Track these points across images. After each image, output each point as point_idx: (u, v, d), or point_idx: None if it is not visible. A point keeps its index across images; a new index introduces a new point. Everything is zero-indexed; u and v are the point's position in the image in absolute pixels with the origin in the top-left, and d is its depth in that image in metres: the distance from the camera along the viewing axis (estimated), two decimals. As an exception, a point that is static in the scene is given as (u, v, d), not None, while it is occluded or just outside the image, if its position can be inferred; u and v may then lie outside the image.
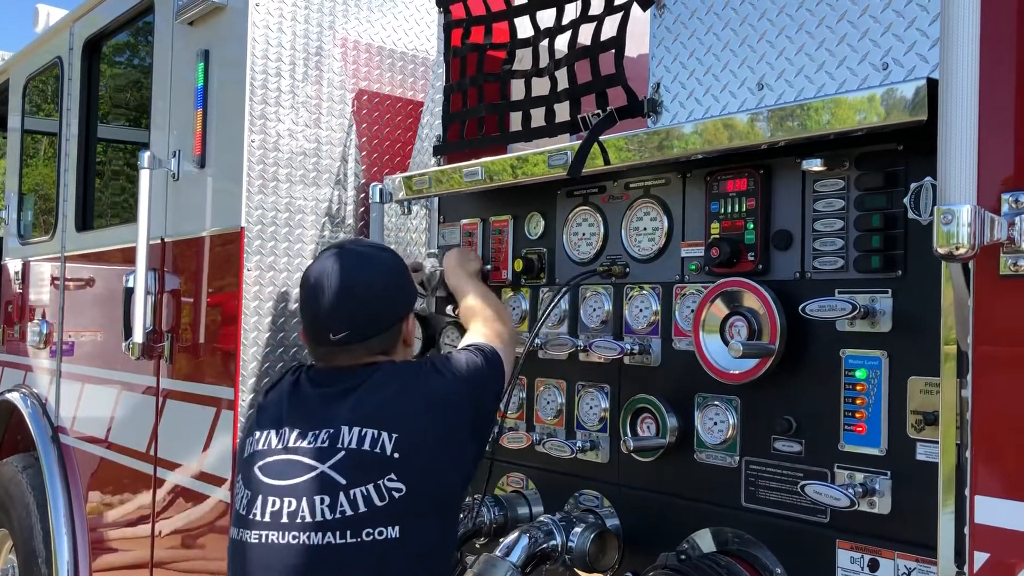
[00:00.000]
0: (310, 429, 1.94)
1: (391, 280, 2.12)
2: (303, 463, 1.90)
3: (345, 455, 1.88)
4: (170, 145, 3.50)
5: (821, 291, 1.90)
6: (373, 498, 1.85)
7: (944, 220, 1.13)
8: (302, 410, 2.00)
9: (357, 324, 2.04)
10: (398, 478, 1.87)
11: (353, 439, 1.89)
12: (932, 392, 1.73)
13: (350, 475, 1.86)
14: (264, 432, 2.00)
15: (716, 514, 2.08)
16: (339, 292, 2.02)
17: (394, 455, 1.88)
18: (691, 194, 2.20)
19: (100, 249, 4.11)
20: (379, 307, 2.07)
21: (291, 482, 1.89)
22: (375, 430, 1.90)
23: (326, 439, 1.91)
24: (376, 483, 1.86)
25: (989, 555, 1.19)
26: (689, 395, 2.15)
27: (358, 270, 2.06)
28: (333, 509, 1.83)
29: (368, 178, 3.24)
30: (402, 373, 2.05)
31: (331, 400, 1.99)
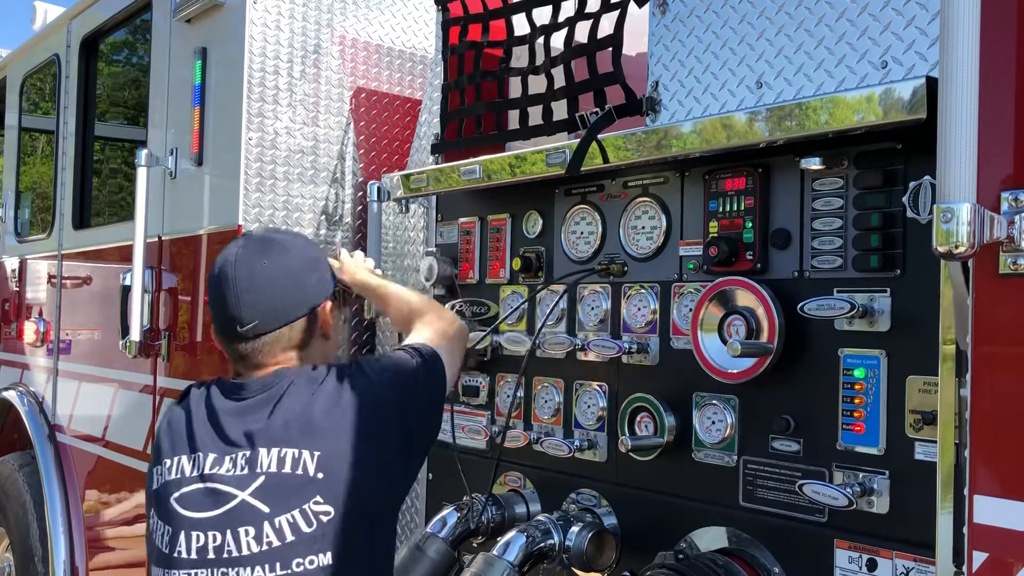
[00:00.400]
0: (226, 452, 1.78)
1: (300, 265, 1.94)
2: (223, 492, 1.74)
3: (265, 480, 1.72)
4: (167, 143, 3.49)
5: (820, 290, 1.89)
6: (300, 525, 1.70)
7: (943, 218, 1.13)
8: (215, 430, 1.82)
9: (263, 313, 1.87)
10: (324, 500, 1.72)
11: (272, 461, 1.74)
12: (931, 391, 1.72)
13: (273, 502, 1.71)
14: (175, 459, 1.82)
15: (714, 513, 2.07)
16: (243, 280, 1.87)
17: (318, 475, 1.73)
18: (689, 193, 2.20)
19: (97, 247, 4.10)
20: (287, 294, 1.90)
21: (213, 514, 1.73)
22: (295, 449, 1.74)
23: (244, 464, 1.75)
24: (301, 508, 1.70)
25: (988, 555, 1.19)
26: (687, 394, 2.14)
27: (263, 256, 1.90)
28: (260, 540, 1.69)
29: (366, 176, 3.24)
30: (320, 379, 1.88)
31: (245, 415, 1.82)
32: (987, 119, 1.17)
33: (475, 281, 2.77)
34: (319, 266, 2.00)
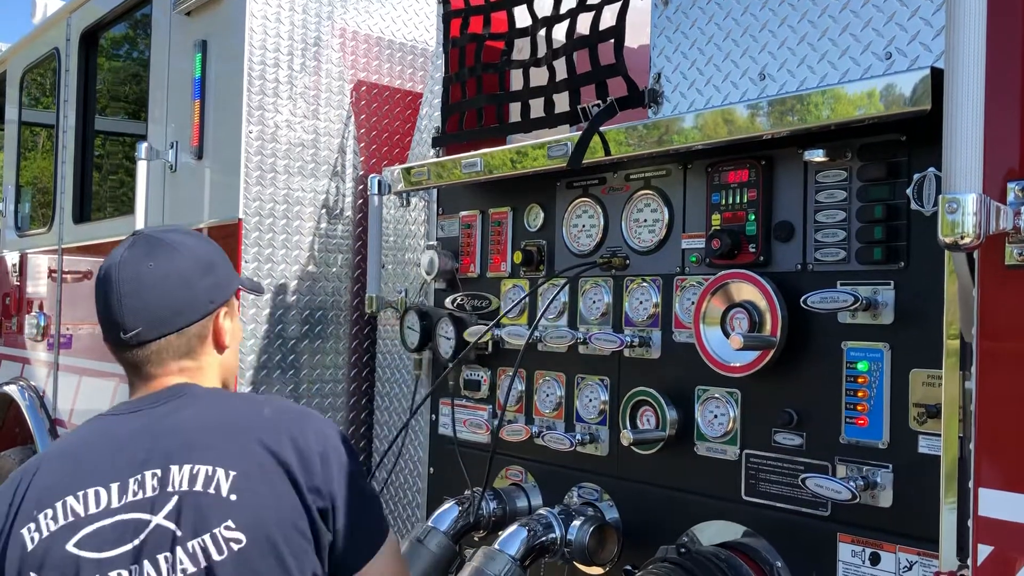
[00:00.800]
0: (131, 475, 1.56)
1: (190, 268, 1.72)
2: (137, 520, 1.54)
3: (178, 500, 1.54)
4: (168, 136, 3.48)
5: (823, 283, 1.88)
6: (211, 551, 1.52)
7: (949, 209, 1.11)
8: (119, 458, 1.59)
9: (146, 320, 1.68)
10: (236, 526, 1.53)
11: (184, 479, 1.55)
12: (935, 385, 1.71)
13: (186, 524, 1.53)
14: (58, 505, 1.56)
15: (716, 507, 2.07)
16: (127, 283, 1.68)
17: (230, 497, 1.54)
18: (692, 185, 2.19)
19: (98, 241, 4.09)
20: (173, 299, 1.70)
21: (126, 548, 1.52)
22: (208, 466, 1.55)
23: (155, 484, 1.55)
24: (212, 532, 1.52)
25: (993, 548, 1.18)
26: (689, 388, 2.14)
27: (149, 258, 1.70)
28: (174, 568, 1.51)
29: (366, 170, 3.22)
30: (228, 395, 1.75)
31: (152, 436, 1.61)
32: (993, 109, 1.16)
33: (476, 275, 2.76)
34: (215, 269, 1.77)
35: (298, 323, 3.12)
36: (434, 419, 2.89)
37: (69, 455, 1.64)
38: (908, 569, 1.76)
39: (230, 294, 1.79)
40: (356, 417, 3.24)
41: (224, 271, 1.80)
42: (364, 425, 3.24)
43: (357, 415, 3.24)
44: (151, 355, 1.69)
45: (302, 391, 3.12)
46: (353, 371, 3.23)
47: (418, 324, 2.84)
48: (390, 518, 3.06)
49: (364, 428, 3.24)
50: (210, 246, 1.82)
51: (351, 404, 3.23)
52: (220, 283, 1.77)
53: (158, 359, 1.70)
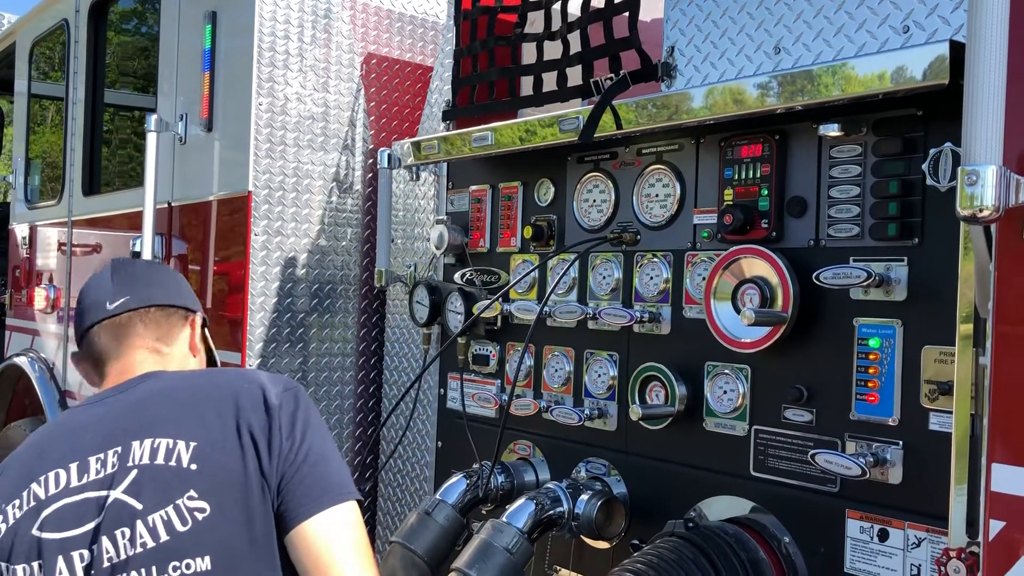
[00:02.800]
0: (93, 454, 1.58)
1: (179, 277, 1.94)
2: (96, 498, 1.53)
3: (138, 474, 1.53)
4: (177, 108, 3.47)
5: (836, 259, 1.87)
6: (174, 522, 1.51)
7: (968, 181, 1.10)
8: (76, 441, 1.61)
9: (136, 289, 1.76)
10: (199, 495, 1.52)
11: (144, 453, 1.55)
12: (947, 362, 1.70)
13: (146, 497, 1.52)
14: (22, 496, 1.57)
15: (724, 483, 2.07)
16: (121, 267, 1.81)
17: (191, 467, 1.53)
18: (704, 160, 2.17)
19: (107, 214, 4.09)
20: (166, 281, 1.84)
21: (93, 524, 1.52)
22: (169, 439, 1.56)
23: (115, 461, 1.56)
24: (175, 503, 1.51)
25: (1005, 523, 1.18)
26: (699, 363, 2.13)
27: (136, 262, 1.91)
28: (134, 543, 1.50)
29: (376, 143, 3.21)
30: (195, 373, 1.77)
31: (111, 415, 1.63)
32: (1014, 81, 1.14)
33: (486, 250, 2.75)
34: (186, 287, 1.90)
35: (307, 297, 3.12)
36: (442, 393, 2.89)
37: (34, 447, 1.66)
38: (916, 546, 1.76)
39: (198, 309, 1.87)
40: (365, 391, 3.24)
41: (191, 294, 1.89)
42: (373, 399, 3.25)
43: (366, 389, 3.25)
44: (130, 326, 1.74)
45: (311, 365, 3.13)
46: (362, 345, 3.23)
47: (427, 299, 2.84)
48: (399, 491, 3.07)
49: (372, 402, 3.25)
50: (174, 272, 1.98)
51: (359, 378, 3.23)
52: (193, 299, 1.87)
53: (135, 331, 1.74)
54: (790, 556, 1.93)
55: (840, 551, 1.86)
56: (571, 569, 2.40)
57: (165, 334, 1.78)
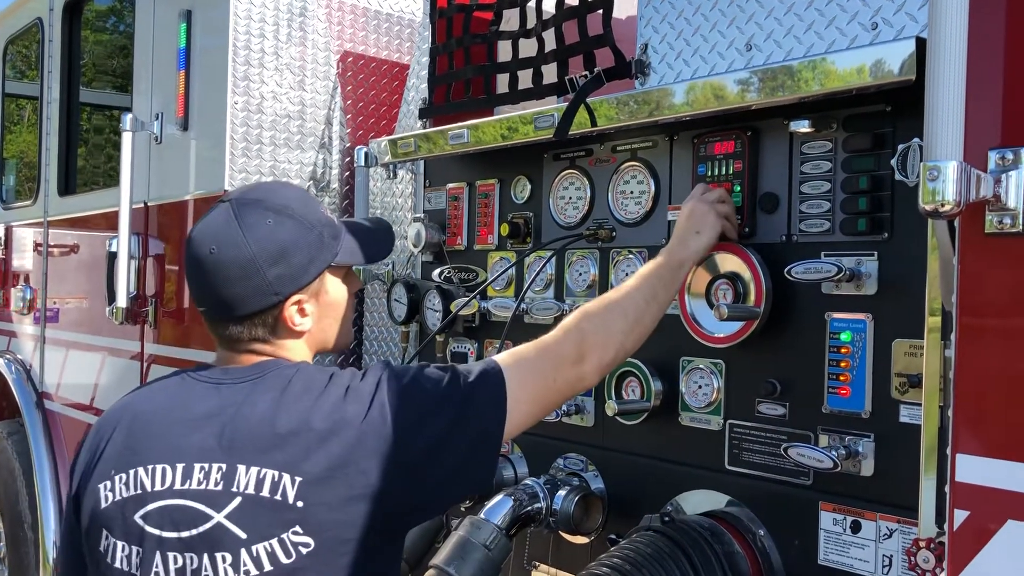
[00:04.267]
0: (197, 461, 1.57)
1: (258, 257, 1.62)
2: (197, 510, 1.55)
3: (242, 502, 1.53)
4: (153, 107, 3.45)
5: (807, 254, 1.89)
6: (279, 555, 1.53)
7: (930, 176, 1.12)
8: (188, 439, 1.59)
9: (209, 302, 1.67)
10: (304, 531, 1.53)
11: (250, 482, 1.54)
12: (916, 354, 1.73)
13: (250, 527, 1.53)
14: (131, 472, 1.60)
15: (700, 477, 2.08)
16: (192, 263, 1.67)
17: (297, 504, 1.53)
18: (678, 157, 2.19)
19: (83, 214, 4.07)
20: (234, 289, 1.63)
21: (189, 534, 1.55)
22: (275, 471, 1.54)
23: (219, 480, 1.55)
24: (280, 537, 1.53)
25: (969, 513, 1.20)
26: (674, 359, 2.15)
27: (218, 239, 1.65)
28: (236, 569, 1.52)
29: (353, 142, 3.21)
30: (318, 390, 1.63)
31: (223, 421, 1.59)
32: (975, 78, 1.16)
33: (463, 247, 2.75)
34: (287, 258, 1.65)
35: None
36: (421, 391, 2.89)
37: (147, 418, 1.66)
38: (888, 537, 1.78)
39: (306, 282, 1.68)
40: (344, 390, 3.24)
41: (299, 259, 1.66)
42: (352, 397, 3.24)
43: (345, 388, 3.24)
44: (225, 337, 1.69)
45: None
46: (340, 344, 3.23)
47: (405, 297, 2.84)
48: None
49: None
50: (291, 229, 1.67)
51: (338, 377, 3.23)
52: (292, 273, 1.65)
53: (230, 340, 1.69)
54: (765, 549, 1.94)
55: (814, 543, 1.88)
56: (550, 564, 2.42)
57: (255, 337, 1.68)
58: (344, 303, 1.79)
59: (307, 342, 1.75)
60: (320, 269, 1.71)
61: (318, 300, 1.72)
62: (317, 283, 1.71)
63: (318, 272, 1.71)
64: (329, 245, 1.73)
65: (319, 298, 1.73)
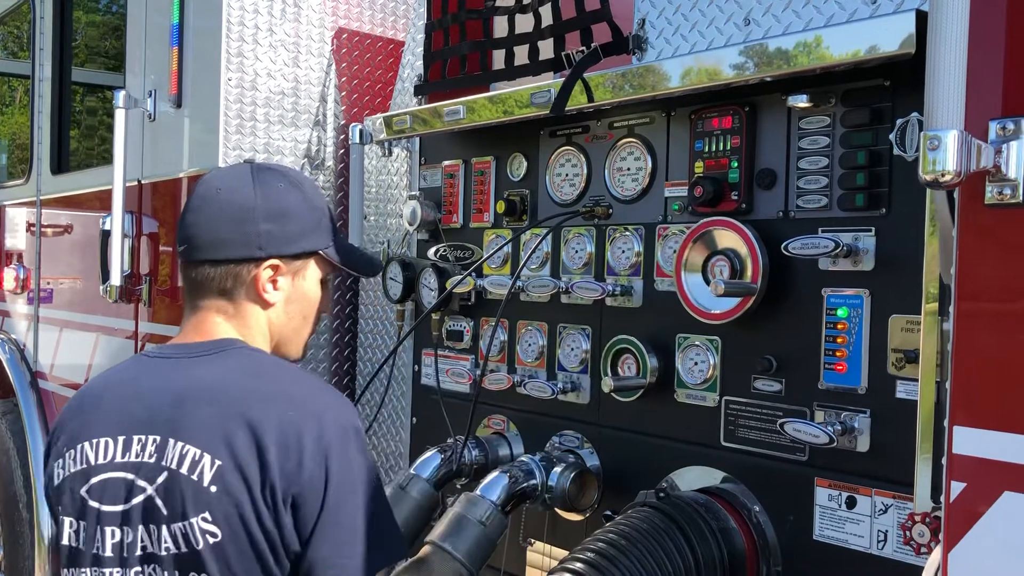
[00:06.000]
0: (136, 433, 1.54)
1: (259, 209, 1.66)
2: (132, 482, 1.53)
3: (167, 477, 1.51)
4: (146, 85, 3.42)
5: (804, 230, 1.88)
6: (191, 538, 1.49)
7: (930, 146, 1.11)
8: (133, 411, 1.58)
9: (193, 237, 1.66)
10: (212, 519, 1.48)
11: (175, 457, 1.51)
12: (913, 330, 1.72)
13: (169, 504, 1.50)
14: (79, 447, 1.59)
15: (695, 453, 2.08)
16: (196, 199, 1.69)
17: (211, 488, 1.48)
18: (675, 133, 2.17)
19: (76, 192, 4.04)
20: (224, 229, 1.65)
21: (125, 507, 1.53)
22: (198, 449, 1.50)
23: (153, 452, 1.52)
24: (191, 521, 1.49)
25: (965, 484, 1.20)
26: (670, 336, 2.14)
27: (229, 184, 1.68)
28: (160, 543, 1.50)
29: (348, 119, 3.18)
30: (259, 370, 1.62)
31: (169, 393, 1.57)
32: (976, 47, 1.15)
33: (459, 225, 2.74)
34: (284, 221, 1.68)
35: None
36: (417, 369, 2.89)
37: (97, 394, 1.66)
38: (883, 512, 1.78)
39: (290, 252, 1.69)
40: (339, 368, 3.23)
41: (296, 227, 1.70)
42: (347, 376, 3.24)
43: (340, 366, 3.24)
44: (194, 280, 1.69)
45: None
46: (335, 322, 3.22)
47: (400, 275, 2.83)
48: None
49: (347, 379, 3.24)
50: (298, 199, 1.71)
51: (334, 355, 3.22)
52: (281, 236, 1.68)
53: (199, 286, 1.68)
54: (760, 524, 1.95)
55: (809, 519, 1.88)
56: (545, 541, 2.42)
57: (223, 290, 1.67)
58: (316, 303, 1.80)
59: (268, 324, 1.73)
60: (309, 248, 1.73)
61: (293, 281, 1.73)
62: (300, 264, 1.73)
63: (305, 250, 1.73)
64: (326, 232, 1.77)
65: (295, 280, 1.73)
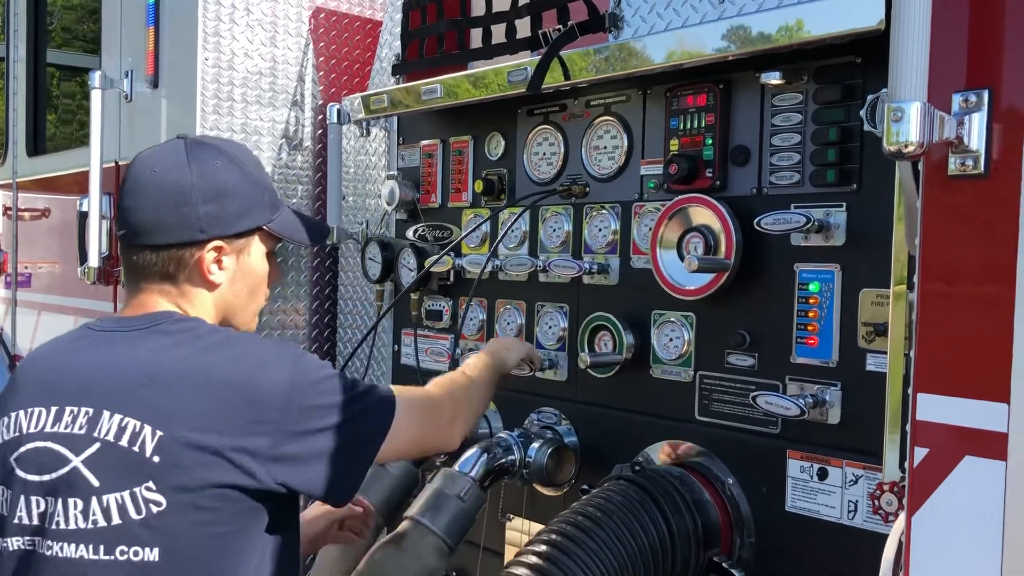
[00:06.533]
0: (69, 404, 1.53)
1: (196, 189, 1.63)
2: (58, 453, 1.51)
3: (100, 448, 1.49)
4: (122, 65, 3.40)
5: (777, 206, 1.90)
6: (128, 508, 1.47)
7: (894, 117, 1.13)
8: (67, 382, 1.57)
9: (132, 224, 1.64)
10: (156, 488, 1.47)
11: (112, 429, 1.50)
12: (883, 304, 1.75)
13: (104, 475, 1.48)
14: (14, 414, 1.58)
15: (670, 428, 2.11)
16: (130, 182, 1.65)
17: (153, 458, 1.47)
18: (651, 111, 2.19)
19: (54, 174, 4.01)
20: (161, 215, 1.62)
21: (49, 477, 1.51)
22: (137, 421, 1.49)
23: (84, 424, 1.51)
24: (132, 490, 1.47)
25: (929, 450, 1.22)
26: (646, 312, 2.16)
27: (162, 163, 1.65)
28: (86, 516, 1.48)
29: (326, 99, 3.18)
30: (202, 345, 1.59)
31: (103, 365, 1.57)
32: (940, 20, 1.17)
33: (437, 205, 2.75)
34: (223, 200, 1.66)
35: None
36: (397, 349, 2.90)
37: (37, 364, 1.66)
38: (854, 483, 1.82)
39: (232, 231, 1.68)
40: (319, 349, 3.24)
41: (236, 205, 1.68)
42: (327, 356, 3.25)
43: (320, 347, 3.24)
44: (135, 265, 1.67)
45: (263, 323, 3.11)
46: (315, 303, 3.22)
47: (379, 255, 2.84)
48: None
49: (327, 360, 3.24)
50: (236, 176, 1.69)
51: (313, 336, 3.23)
52: (223, 216, 1.66)
53: (140, 272, 1.67)
54: (734, 496, 1.98)
55: (782, 490, 1.91)
56: (524, 516, 2.45)
57: (166, 275, 1.66)
58: (263, 277, 1.80)
59: (214, 302, 1.72)
60: (252, 226, 1.72)
61: (238, 260, 1.72)
62: (244, 241, 1.72)
63: (248, 228, 1.72)
64: (267, 208, 1.75)
65: (239, 258, 1.72)
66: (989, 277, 1.17)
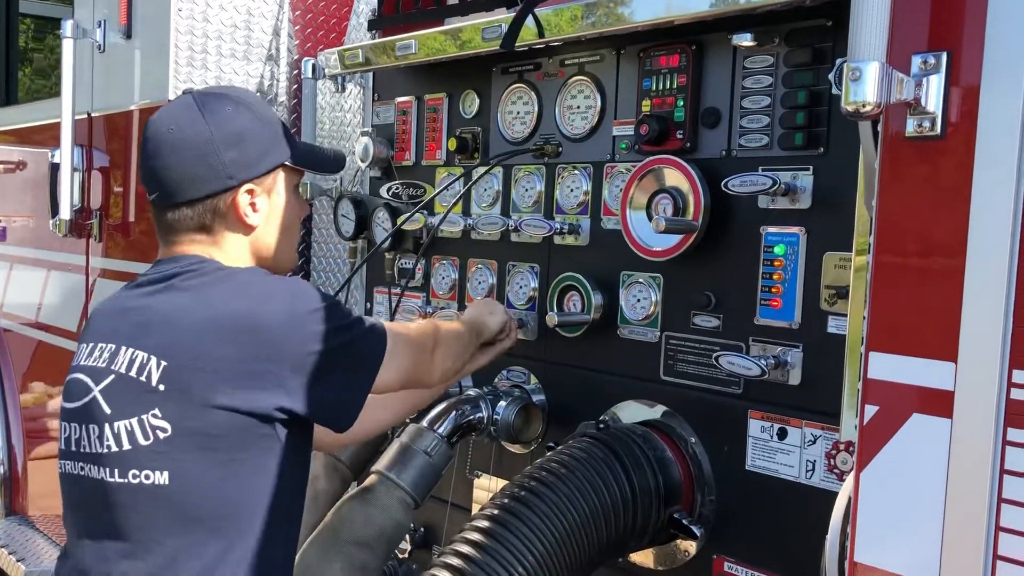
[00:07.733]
0: (100, 342, 1.67)
1: (215, 138, 1.68)
2: (84, 383, 1.65)
3: (114, 379, 1.61)
4: (95, 15, 3.35)
5: (746, 168, 1.91)
6: (137, 435, 1.58)
7: (852, 77, 1.13)
8: (104, 322, 1.72)
9: (160, 184, 1.70)
10: (162, 415, 1.57)
11: (125, 361, 1.61)
12: (845, 267, 1.77)
13: (115, 404, 1.60)
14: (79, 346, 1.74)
15: (636, 387, 2.13)
16: (150, 143, 1.70)
17: (159, 387, 1.57)
18: (625, 71, 2.18)
19: (26, 125, 3.96)
20: (188, 170, 1.67)
21: (75, 405, 1.66)
22: (145, 353, 1.59)
23: (106, 358, 1.64)
24: (140, 417, 1.58)
25: (878, 408, 1.25)
26: (615, 273, 2.18)
27: (177, 119, 1.70)
28: (101, 442, 1.60)
29: (301, 54, 3.15)
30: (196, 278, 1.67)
31: (133, 309, 1.68)
32: (903, -19, 1.17)
33: (411, 163, 2.74)
34: (243, 144, 1.70)
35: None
36: (369, 307, 2.91)
37: (99, 307, 1.80)
38: (812, 443, 1.85)
39: (259, 172, 1.73)
40: (292, 306, 3.24)
41: (255, 147, 1.72)
42: (300, 314, 3.24)
43: (293, 304, 3.24)
44: (168, 223, 1.73)
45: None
46: (289, 260, 3.21)
47: (353, 212, 2.83)
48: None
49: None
50: (249, 118, 1.73)
51: (287, 293, 3.22)
52: (247, 159, 1.71)
53: (173, 228, 1.73)
54: (696, 455, 2.01)
55: (742, 449, 1.94)
56: (492, 474, 2.47)
57: (201, 226, 1.72)
58: (296, 211, 1.86)
59: (251, 245, 1.78)
60: (275, 163, 1.77)
61: (270, 199, 1.77)
62: (271, 180, 1.77)
63: (272, 166, 1.77)
64: (285, 143, 1.79)
65: (271, 197, 1.77)
66: (941, 238, 1.18)
